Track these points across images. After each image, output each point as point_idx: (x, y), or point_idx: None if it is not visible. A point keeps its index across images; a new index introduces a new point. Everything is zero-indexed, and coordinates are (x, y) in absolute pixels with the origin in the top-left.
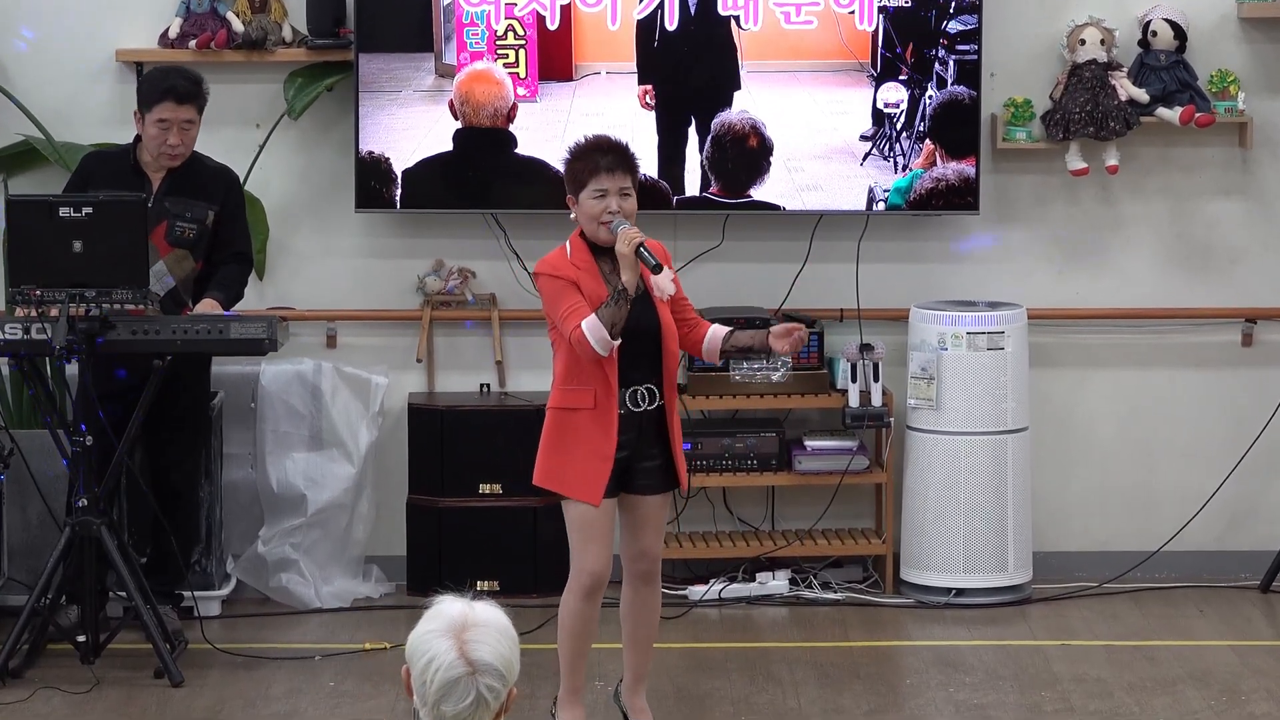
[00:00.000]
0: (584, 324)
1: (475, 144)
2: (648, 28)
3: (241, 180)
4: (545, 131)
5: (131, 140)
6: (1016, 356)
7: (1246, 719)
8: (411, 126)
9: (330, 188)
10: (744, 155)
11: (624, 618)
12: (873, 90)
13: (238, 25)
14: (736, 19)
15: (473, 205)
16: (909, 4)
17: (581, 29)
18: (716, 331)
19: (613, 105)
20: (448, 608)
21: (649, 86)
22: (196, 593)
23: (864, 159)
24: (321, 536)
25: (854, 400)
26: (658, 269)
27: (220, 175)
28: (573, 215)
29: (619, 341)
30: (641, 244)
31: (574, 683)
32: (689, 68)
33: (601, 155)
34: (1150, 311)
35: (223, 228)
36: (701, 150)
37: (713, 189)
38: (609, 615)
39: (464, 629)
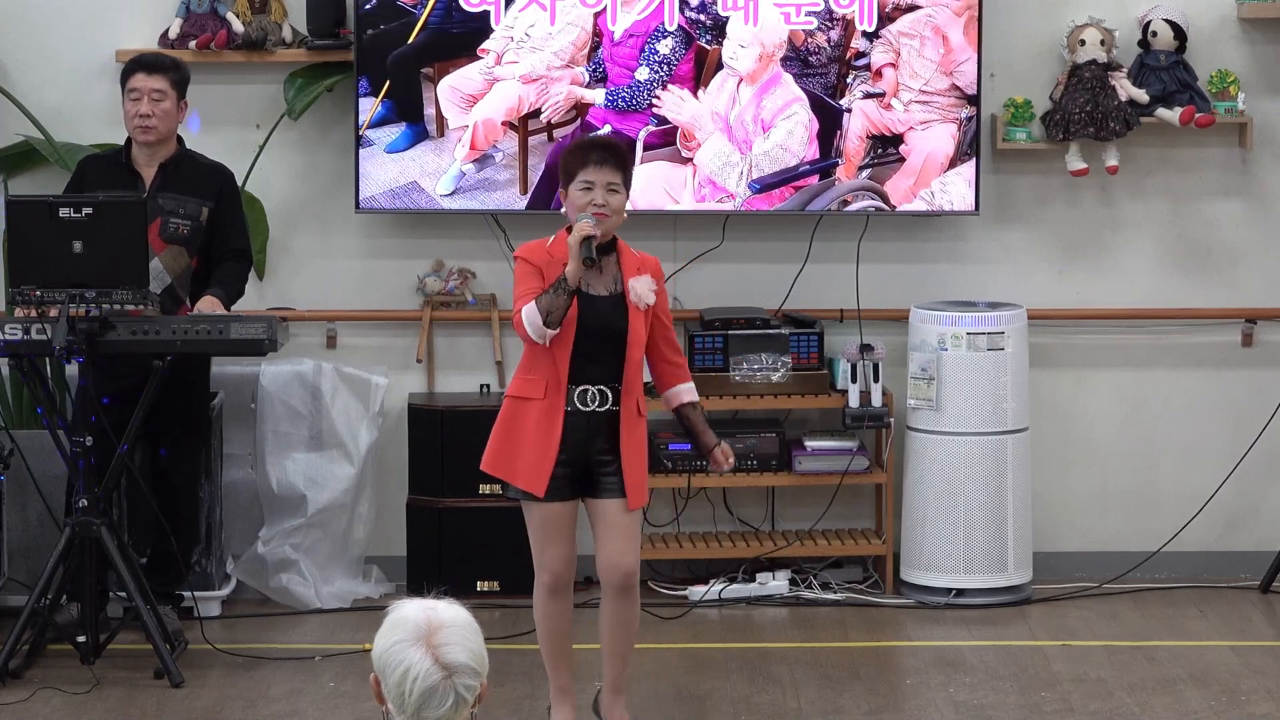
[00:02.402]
0: (524, 309)
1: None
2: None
3: (240, 179)
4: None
5: (124, 140)
6: (1016, 357)
7: (1246, 719)
8: None
9: (330, 188)
10: None
11: (600, 629)
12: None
13: (238, 26)
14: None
15: (472, 206)
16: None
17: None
18: (681, 392)
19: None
20: (409, 613)
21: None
22: (196, 593)
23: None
24: (321, 537)
25: (854, 401)
26: (587, 261)
27: (214, 172)
28: (564, 209)
29: (555, 331)
30: (590, 237)
31: (560, 681)
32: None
33: (593, 150)
34: (1150, 312)
35: (219, 224)
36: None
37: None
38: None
39: (432, 633)
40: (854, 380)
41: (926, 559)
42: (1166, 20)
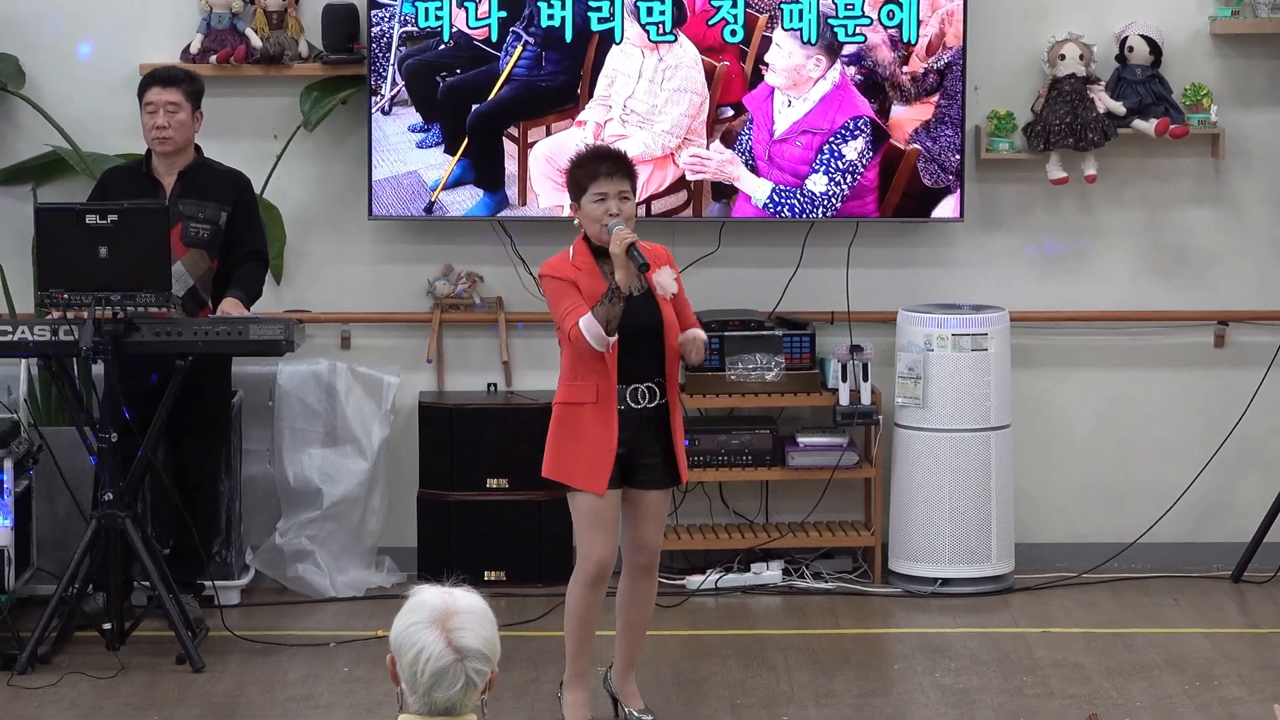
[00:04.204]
0: (581, 322)
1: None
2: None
3: (258, 188)
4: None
5: (145, 151)
6: (999, 357)
7: (1219, 703)
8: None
9: (344, 196)
10: None
11: (620, 607)
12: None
13: (256, 41)
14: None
15: (480, 212)
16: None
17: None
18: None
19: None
20: (427, 598)
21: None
22: (217, 582)
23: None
24: (336, 529)
25: (844, 399)
26: (644, 267)
27: (231, 178)
28: (576, 221)
29: (615, 338)
30: (633, 244)
31: (579, 666)
32: None
33: (601, 162)
34: (1127, 314)
35: (236, 228)
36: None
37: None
38: (606, 604)
39: (447, 618)
40: (844, 379)
41: (913, 550)
42: (1142, 36)
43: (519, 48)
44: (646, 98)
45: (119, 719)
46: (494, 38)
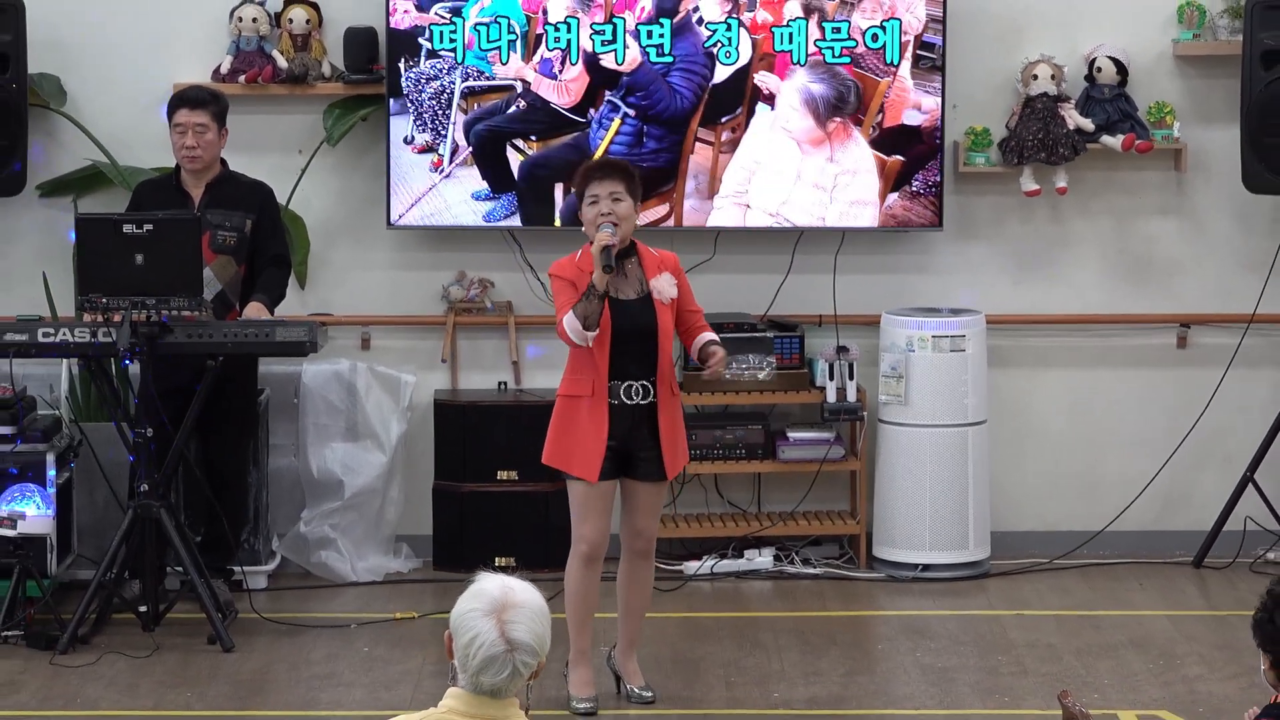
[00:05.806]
0: (564, 318)
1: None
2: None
3: (284, 199)
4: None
5: (174, 165)
6: (976, 357)
7: (1180, 681)
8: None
9: (364, 207)
10: None
11: (620, 589)
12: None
13: (282, 62)
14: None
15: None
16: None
17: None
18: (702, 336)
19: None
20: (488, 586)
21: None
22: (245, 568)
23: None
24: (357, 518)
25: (831, 396)
26: (607, 269)
27: (255, 188)
28: (584, 228)
29: (595, 333)
30: (607, 246)
31: (581, 644)
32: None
33: (595, 169)
34: (1096, 317)
35: (261, 235)
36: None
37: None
38: (607, 587)
39: (504, 609)
40: (831, 378)
41: (896, 537)
42: (1110, 57)
43: (616, 120)
44: (813, 208)
45: (154, 696)
46: (505, 56)
